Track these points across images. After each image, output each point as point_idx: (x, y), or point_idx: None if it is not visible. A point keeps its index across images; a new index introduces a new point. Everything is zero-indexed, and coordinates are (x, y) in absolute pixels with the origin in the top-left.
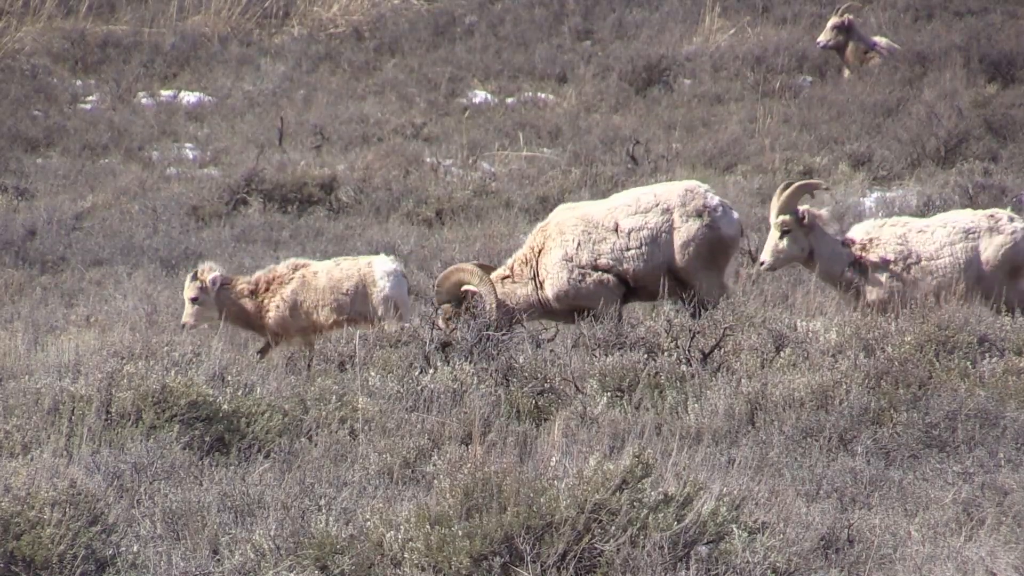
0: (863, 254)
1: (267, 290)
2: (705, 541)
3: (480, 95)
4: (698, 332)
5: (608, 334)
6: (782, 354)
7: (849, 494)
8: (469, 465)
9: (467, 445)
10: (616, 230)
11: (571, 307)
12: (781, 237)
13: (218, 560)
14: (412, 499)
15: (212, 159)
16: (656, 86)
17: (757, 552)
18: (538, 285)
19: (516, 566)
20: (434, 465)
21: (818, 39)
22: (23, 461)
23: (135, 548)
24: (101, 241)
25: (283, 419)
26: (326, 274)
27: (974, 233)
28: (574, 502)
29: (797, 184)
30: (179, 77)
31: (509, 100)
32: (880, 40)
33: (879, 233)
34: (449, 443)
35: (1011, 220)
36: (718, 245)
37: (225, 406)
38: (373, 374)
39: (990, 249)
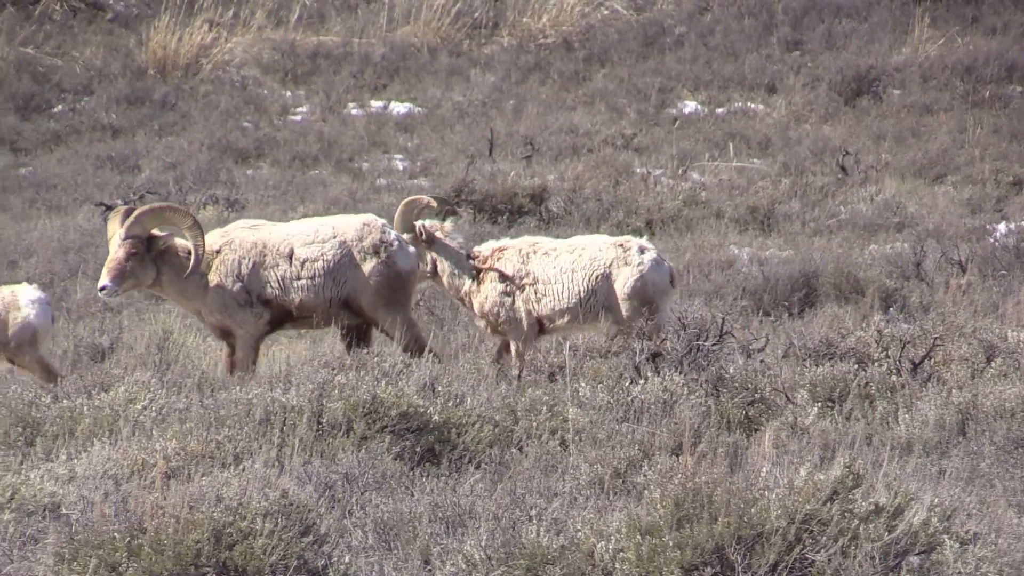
0: (483, 267)
1: None
2: (916, 552)
3: (690, 105)
4: (908, 343)
5: (819, 345)
6: (993, 364)
7: None
8: (680, 476)
9: (678, 456)
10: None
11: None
12: None
13: (429, 570)
14: (623, 509)
15: (422, 170)
16: (865, 96)
17: (969, 563)
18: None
19: None
20: (645, 475)
21: None
22: (235, 471)
23: (347, 559)
24: None
25: (493, 430)
26: None
27: (600, 261)
28: (785, 512)
29: (406, 202)
30: (389, 88)
31: (719, 110)
32: None
33: (506, 248)
34: (660, 454)
35: (641, 251)
36: (396, 281)
37: (436, 417)
38: (583, 385)
39: (618, 280)
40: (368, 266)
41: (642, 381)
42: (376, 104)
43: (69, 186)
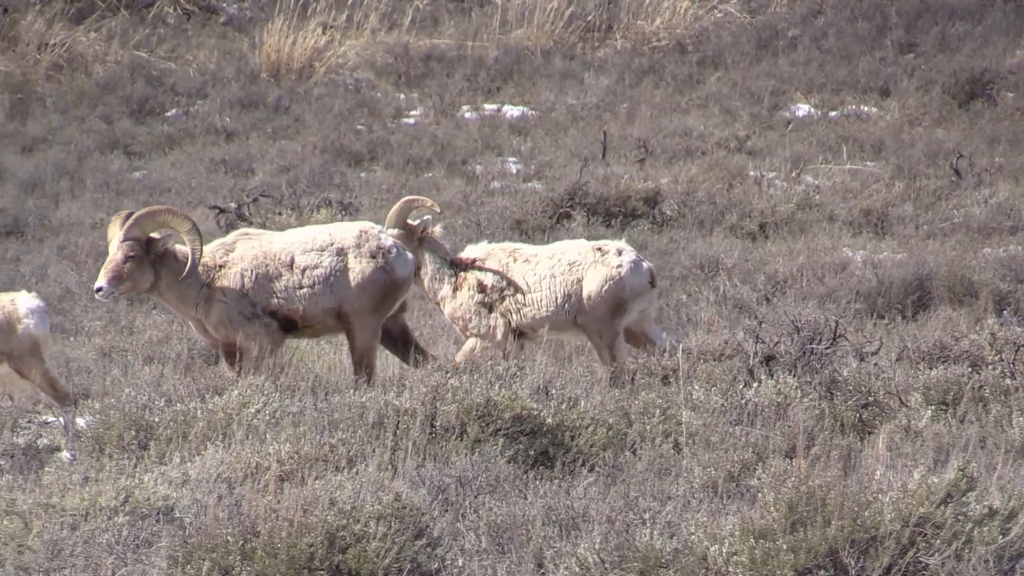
0: (463, 272)
1: None
2: None
3: (803, 108)
4: (1022, 346)
5: (932, 348)
6: None
7: None
8: (793, 479)
9: (791, 459)
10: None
11: None
12: None
13: (542, 574)
14: (736, 513)
15: (535, 172)
16: (979, 99)
17: None
18: None
19: None
20: (758, 479)
21: None
22: (348, 475)
23: (460, 562)
24: None
25: (607, 432)
26: None
27: (579, 266)
28: (898, 516)
29: (405, 199)
30: (502, 91)
31: (832, 113)
32: None
33: (486, 255)
34: (773, 457)
35: (619, 253)
36: (391, 287)
37: (549, 420)
38: (697, 387)
39: (593, 283)
40: (366, 272)
41: (756, 384)
42: (489, 107)
43: (182, 189)
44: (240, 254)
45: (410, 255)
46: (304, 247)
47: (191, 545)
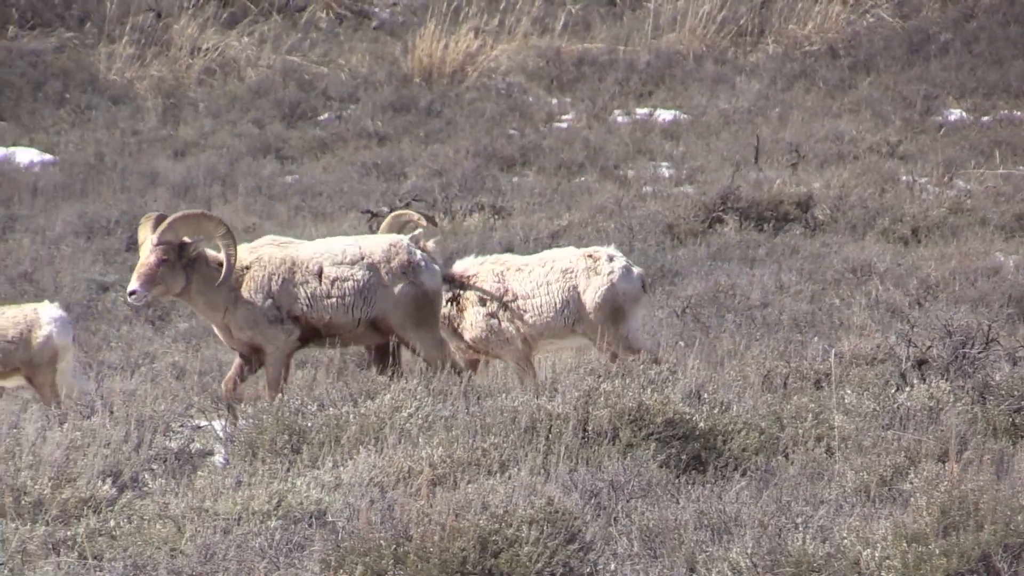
0: (459, 291)
1: None
2: None
3: (955, 113)
4: None
5: None
6: None
7: None
8: (946, 483)
9: (943, 463)
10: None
11: None
12: None
13: None
14: (888, 517)
15: (687, 177)
16: None
17: None
18: None
19: None
20: (911, 483)
21: None
22: (501, 479)
23: (612, 566)
24: None
25: (759, 437)
26: None
27: (571, 273)
28: None
29: (395, 214)
30: (654, 95)
31: (984, 118)
32: None
33: (478, 270)
34: (925, 461)
35: (610, 259)
36: (423, 300)
37: (701, 424)
38: (849, 392)
39: (588, 291)
40: (396, 286)
41: (908, 388)
42: (641, 111)
43: (335, 193)
44: (268, 258)
45: (437, 266)
46: (333, 259)
47: (343, 549)
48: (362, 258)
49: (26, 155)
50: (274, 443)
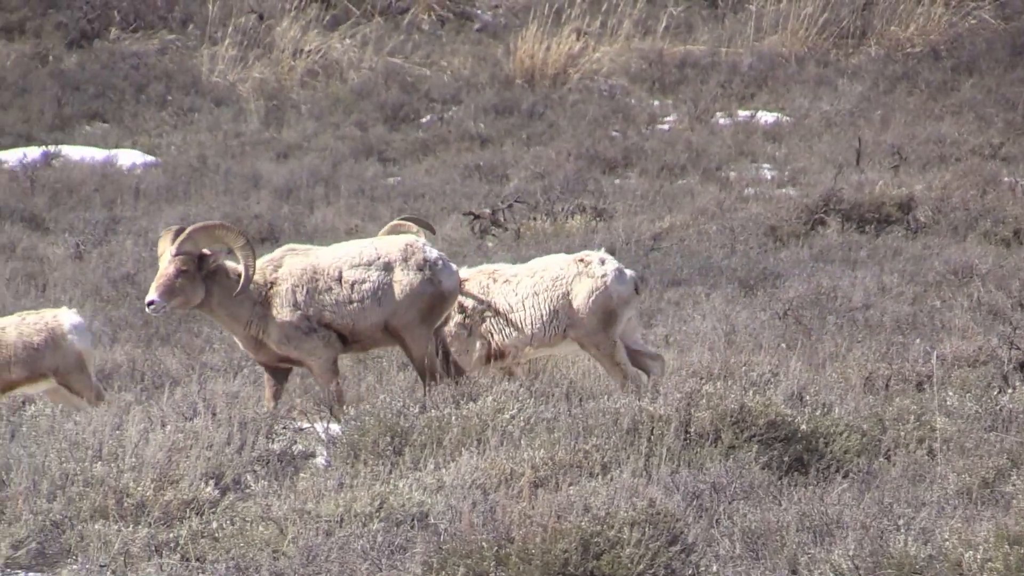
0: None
1: None
2: None
3: None
4: None
5: None
6: None
7: None
8: None
9: None
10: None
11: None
12: None
13: None
14: (991, 519)
15: (790, 179)
16: None
17: None
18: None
19: None
20: (1013, 485)
21: None
22: (603, 481)
23: (714, 568)
24: (679, 261)
25: (861, 439)
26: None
27: (562, 280)
28: None
29: (390, 225)
30: (756, 97)
31: None
32: None
33: (466, 281)
34: None
35: (602, 263)
36: (438, 299)
37: (803, 426)
38: (951, 394)
39: (581, 294)
40: (413, 285)
41: (1010, 390)
42: (743, 113)
43: (437, 195)
44: (289, 270)
45: (455, 267)
46: (351, 262)
47: (445, 551)
48: (378, 258)
49: (129, 157)
50: (376, 445)
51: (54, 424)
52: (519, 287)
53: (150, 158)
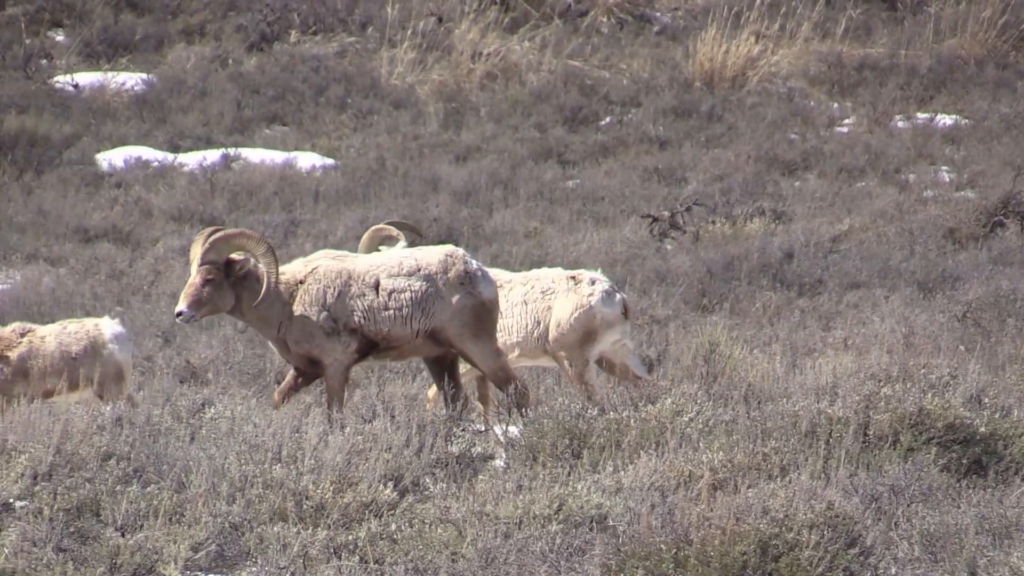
0: None
1: None
2: None
3: None
4: None
5: None
6: None
7: None
8: None
9: None
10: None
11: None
12: None
13: None
14: None
15: (968, 181)
16: None
17: None
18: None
19: None
20: None
21: None
22: (781, 483)
23: (892, 571)
24: (858, 263)
25: None
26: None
27: (551, 293)
28: None
29: (374, 228)
30: (935, 99)
31: None
32: None
33: None
34: None
35: (592, 283)
36: (480, 309)
37: (982, 429)
38: None
39: (564, 310)
40: (454, 297)
41: None
42: (922, 116)
43: (616, 198)
44: (323, 271)
45: (492, 276)
46: (390, 271)
47: (624, 553)
48: (419, 269)
49: (308, 160)
50: (555, 447)
51: (234, 427)
52: (511, 294)
53: (329, 160)
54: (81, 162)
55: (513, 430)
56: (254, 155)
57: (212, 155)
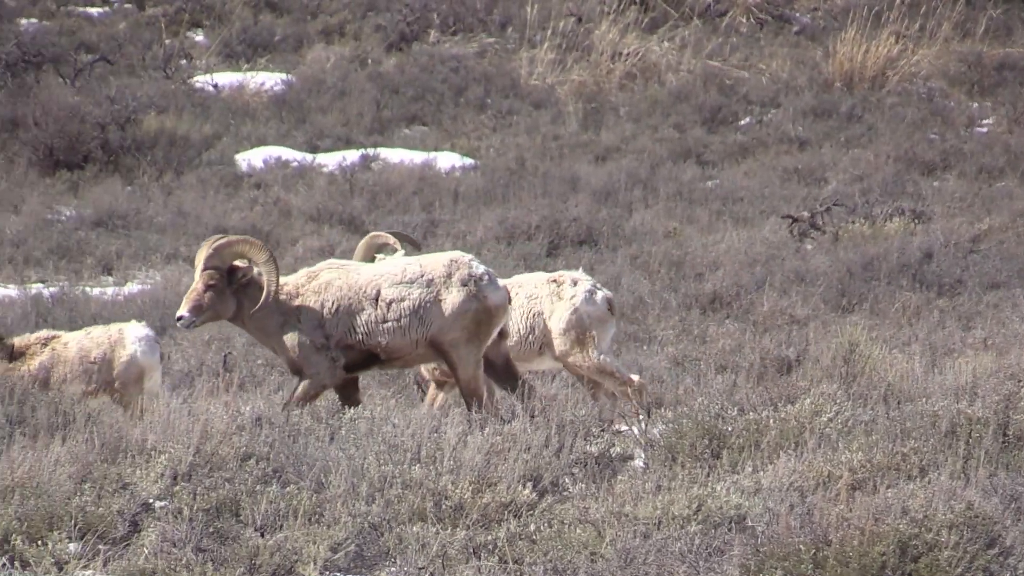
0: None
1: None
2: None
3: None
4: None
5: None
6: None
7: None
8: None
9: None
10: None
11: None
12: None
13: None
14: None
15: None
16: None
17: None
18: None
19: None
20: None
21: None
22: (920, 483)
23: None
24: (998, 264)
25: None
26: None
27: (536, 299)
28: None
29: (370, 235)
30: None
31: None
32: None
33: None
34: None
35: (574, 284)
36: (485, 315)
37: None
38: None
39: (554, 316)
40: (457, 301)
41: None
42: None
43: (755, 198)
44: (324, 283)
45: (501, 282)
46: (392, 279)
47: (763, 554)
48: (422, 275)
49: (448, 160)
50: (694, 448)
51: (373, 427)
52: None
53: (468, 160)
54: (220, 162)
55: (653, 430)
56: (393, 155)
57: (351, 155)
